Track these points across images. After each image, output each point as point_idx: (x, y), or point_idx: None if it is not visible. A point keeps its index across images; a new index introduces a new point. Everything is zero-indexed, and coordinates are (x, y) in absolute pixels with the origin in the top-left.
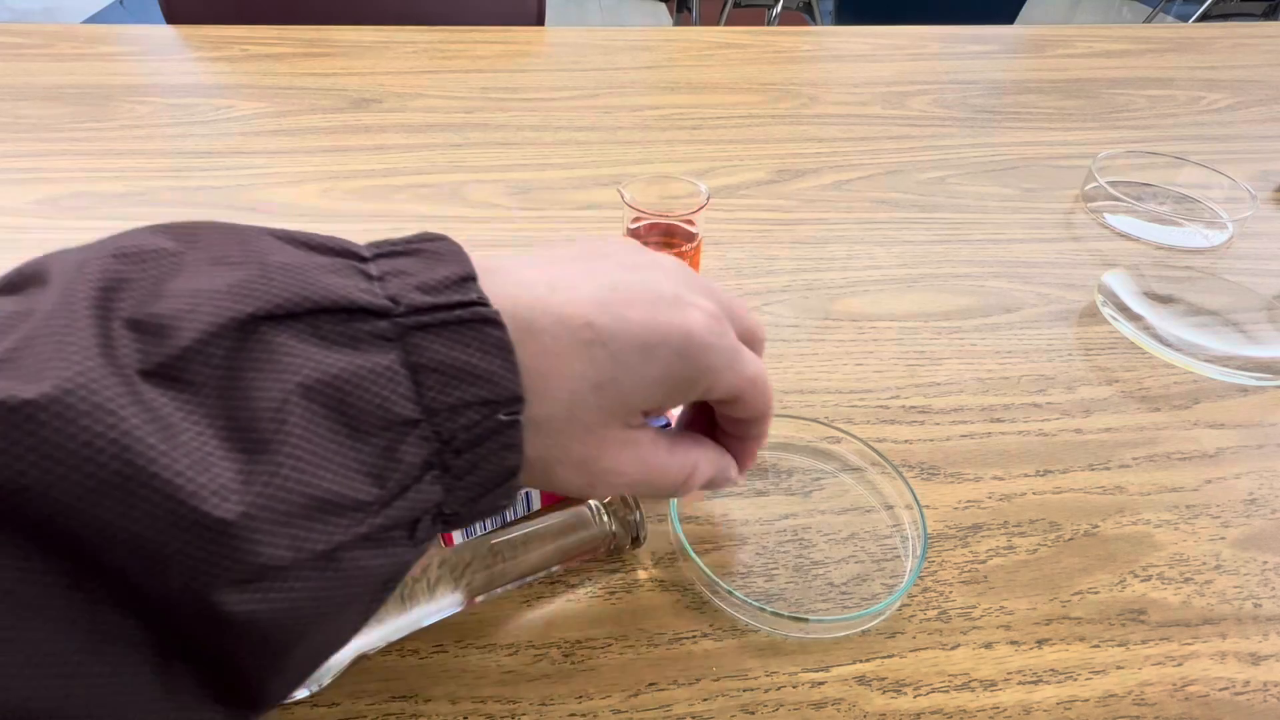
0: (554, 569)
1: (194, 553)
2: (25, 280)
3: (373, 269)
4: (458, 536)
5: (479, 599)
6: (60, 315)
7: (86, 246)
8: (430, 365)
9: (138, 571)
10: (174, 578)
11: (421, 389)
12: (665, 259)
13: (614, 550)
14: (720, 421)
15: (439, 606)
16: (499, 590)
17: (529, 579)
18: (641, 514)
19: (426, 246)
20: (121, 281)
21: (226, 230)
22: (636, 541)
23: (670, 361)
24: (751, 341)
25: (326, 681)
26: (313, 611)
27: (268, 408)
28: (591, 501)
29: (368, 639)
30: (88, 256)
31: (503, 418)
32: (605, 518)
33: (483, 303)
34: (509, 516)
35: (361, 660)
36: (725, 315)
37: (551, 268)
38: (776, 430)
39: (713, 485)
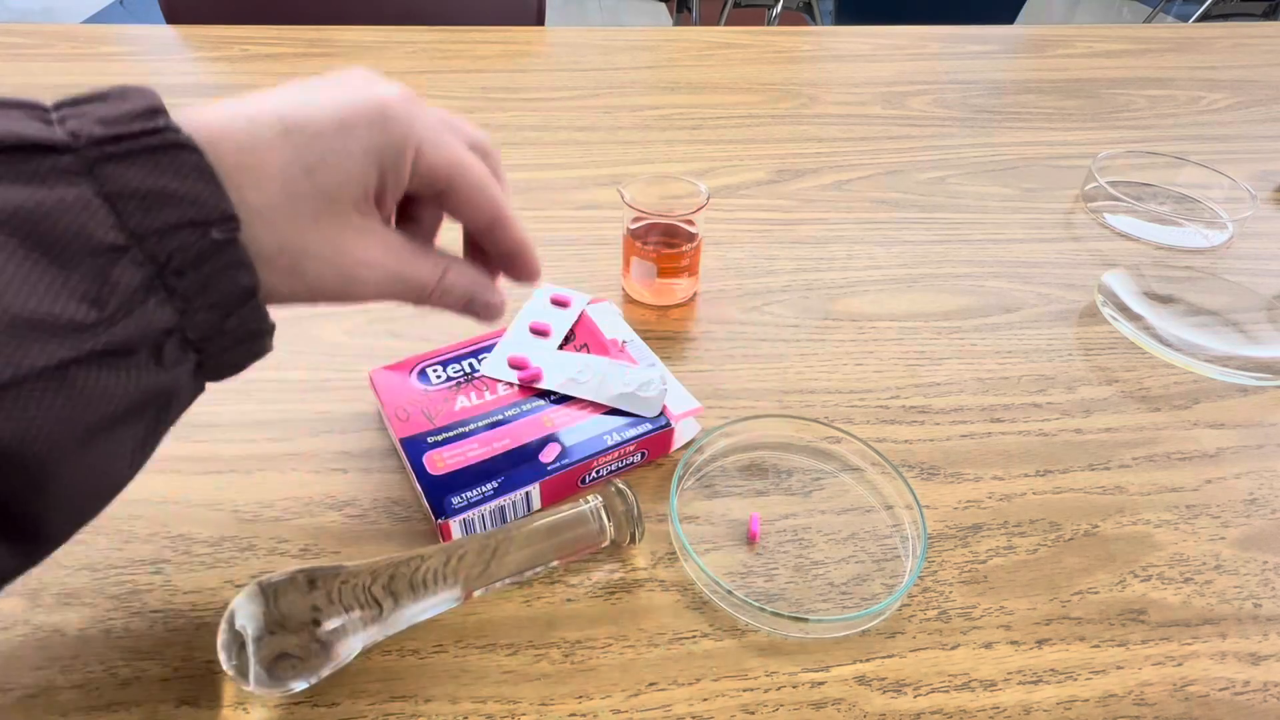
0: (552, 564)
1: None
2: None
3: (53, 115)
4: (456, 530)
5: (476, 593)
6: None
7: None
8: (127, 193)
9: None
10: None
11: (123, 216)
12: (362, 68)
13: (611, 546)
14: (470, 240)
15: (436, 601)
16: (496, 584)
17: (526, 574)
18: (639, 511)
19: (114, 91)
20: None
21: None
22: (634, 539)
23: (370, 133)
24: (478, 147)
25: (325, 673)
26: (60, 432)
27: None
28: (590, 498)
29: (368, 633)
30: None
31: (216, 235)
32: (603, 514)
33: (172, 129)
34: (509, 517)
35: (360, 656)
36: (427, 106)
37: (248, 96)
38: (777, 430)
39: (473, 306)
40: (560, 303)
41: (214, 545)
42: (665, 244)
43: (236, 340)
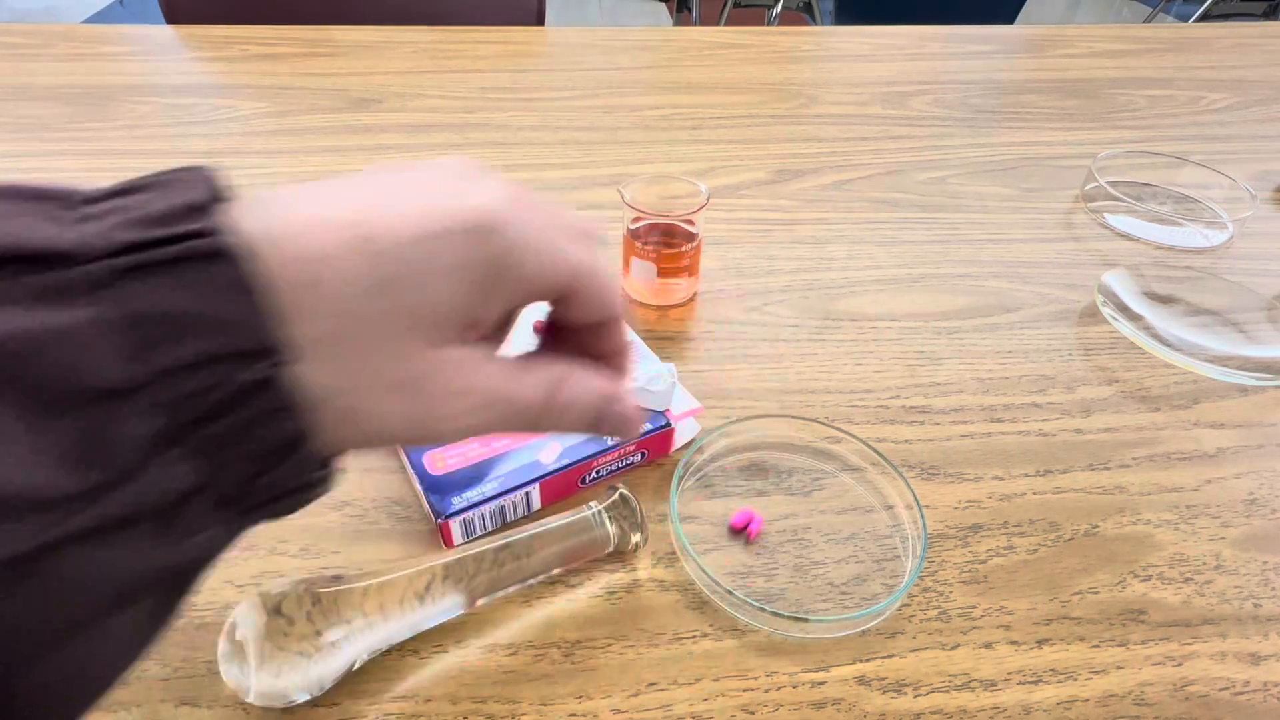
0: (554, 571)
1: None
2: None
3: (81, 211)
4: (458, 537)
5: (480, 602)
6: None
7: None
8: (144, 318)
9: None
10: None
11: (134, 349)
12: (458, 159)
13: (615, 552)
14: (574, 343)
15: (440, 610)
16: (500, 593)
17: (530, 582)
18: (643, 517)
19: (170, 177)
20: None
21: None
22: (637, 546)
23: (463, 245)
24: (588, 236)
25: (328, 685)
26: (29, 632)
27: None
28: (593, 504)
29: (369, 642)
30: None
31: (246, 376)
32: (606, 521)
33: (210, 232)
34: (509, 517)
35: (358, 663)
36: (534, 204)
37: (321, 185)
38: (777, 430)
39: (603, 422)
40: None
41: None
42: (665, 244)
43: (278, 495)
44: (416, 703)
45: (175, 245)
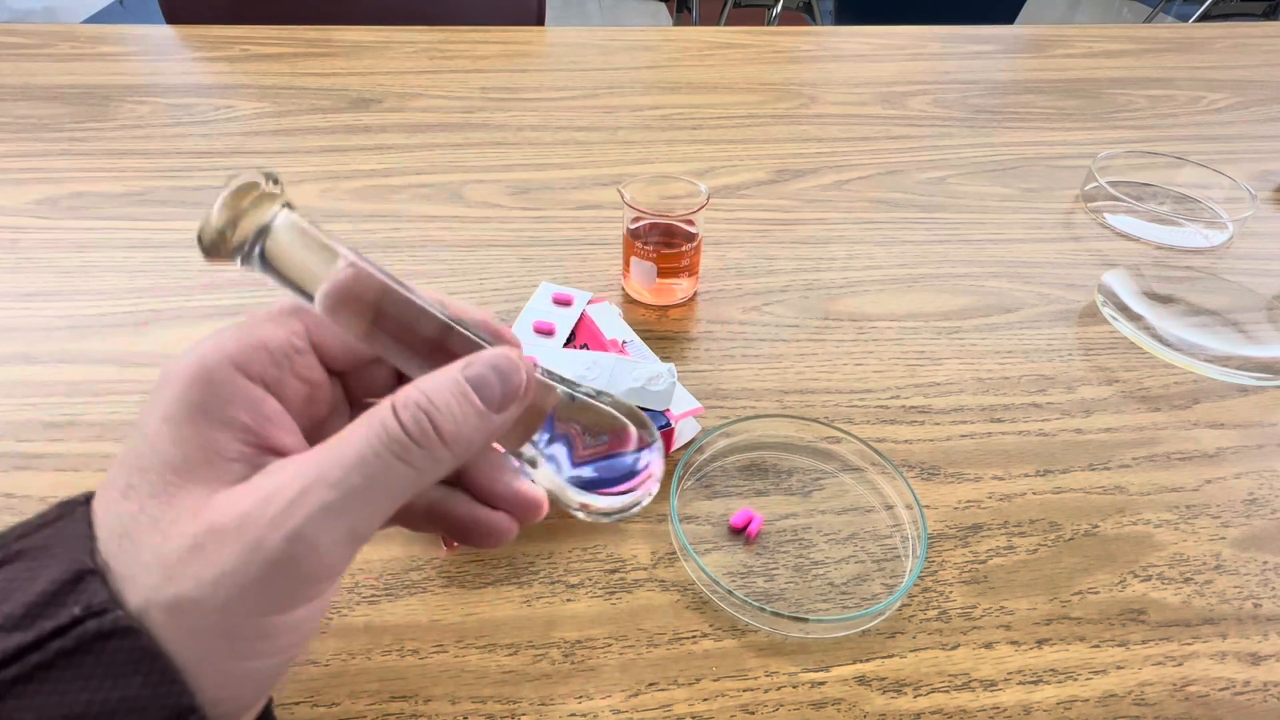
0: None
1: None
2: None
3: None
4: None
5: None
6: None
7: None
8: None
9: None
10: None
11: None
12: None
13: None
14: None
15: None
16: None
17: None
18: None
19: (30, 544)
20: None
21: None
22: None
23: (167, 397)
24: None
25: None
26: None
27: None
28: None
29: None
30: None
31: None
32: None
33: (98, 611)
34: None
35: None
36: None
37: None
38: (777, 430)
39: (483, 386)
40: (562, 301)
41: None
42: (665, 244)
43: None
44: (416, 703)
45: (54, 641)
